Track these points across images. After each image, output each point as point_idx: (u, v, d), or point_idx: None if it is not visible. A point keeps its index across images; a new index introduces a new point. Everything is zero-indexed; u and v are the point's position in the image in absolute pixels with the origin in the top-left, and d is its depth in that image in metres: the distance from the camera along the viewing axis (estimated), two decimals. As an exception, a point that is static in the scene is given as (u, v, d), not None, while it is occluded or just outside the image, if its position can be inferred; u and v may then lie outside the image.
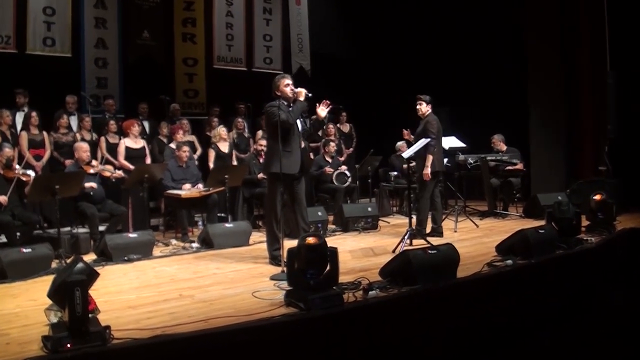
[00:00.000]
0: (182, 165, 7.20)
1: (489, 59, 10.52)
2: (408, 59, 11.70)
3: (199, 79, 10.53)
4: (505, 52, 10.46)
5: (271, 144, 5.31)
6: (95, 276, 3.64)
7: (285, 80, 5.26)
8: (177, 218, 7.05)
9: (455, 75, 10.93)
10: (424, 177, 6.37)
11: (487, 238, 6.49)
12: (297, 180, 5.32)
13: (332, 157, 8.72)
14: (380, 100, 11.93)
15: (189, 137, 8.53)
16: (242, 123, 9.05)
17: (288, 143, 5.09)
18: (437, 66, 11.20)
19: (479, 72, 10.63)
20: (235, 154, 8.56)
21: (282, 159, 4.97)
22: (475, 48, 10.73)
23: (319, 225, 6.95)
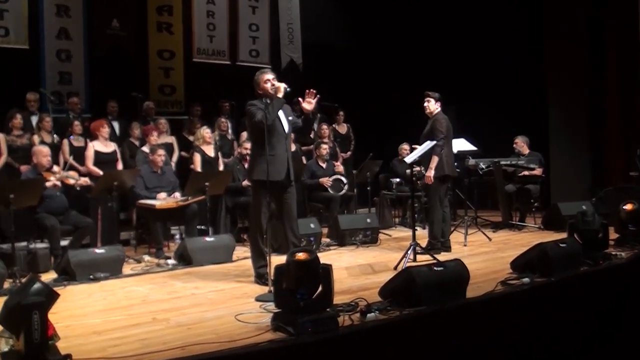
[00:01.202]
0: (157, 171, 7.20)
1: (503, 53, 10.60)
2: (412, 51, 11.76)
3: (176, 74, 10.53)
4: (522, 46, 10.55)
5: (253, 148, 5.38)
6: (54, 297, 3.60)
7: (265, 75, 5.26)
8: (150, 231, 7.04)
9: (465, 70, 11.00)
10: (426, 180, 6.42)
11: (501, 253, 6.51)
12: (286, 189, 5.33)
13: (327, 162, 8.74)
14: (381, 98, 11.99)
15: (168, 138, 8.56)
16: (226, 124, 9.08)
17: (271, 146, 5.08)
18: (445, 60, 11.28)
19: (492, 68, 10.71)
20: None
21: (264, 164, 4.99)
22: (487, 40, 10.80)
23: (312, 239, 6.96)
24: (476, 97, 10.65)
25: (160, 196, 7.01)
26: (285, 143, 5.28)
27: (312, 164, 8.68)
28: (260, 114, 5.05)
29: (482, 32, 10.87)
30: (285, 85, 5.15)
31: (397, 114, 11.42)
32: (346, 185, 8.46)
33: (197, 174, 7.39)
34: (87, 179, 6.83)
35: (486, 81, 10.70)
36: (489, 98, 10.59)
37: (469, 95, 10.62)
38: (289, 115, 5.38)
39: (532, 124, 9.77)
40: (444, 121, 6.48)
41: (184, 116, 9.77)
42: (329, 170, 8.64)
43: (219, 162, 8.24)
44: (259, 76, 5.29)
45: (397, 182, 9.10)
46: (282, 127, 5.29)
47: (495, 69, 10.65)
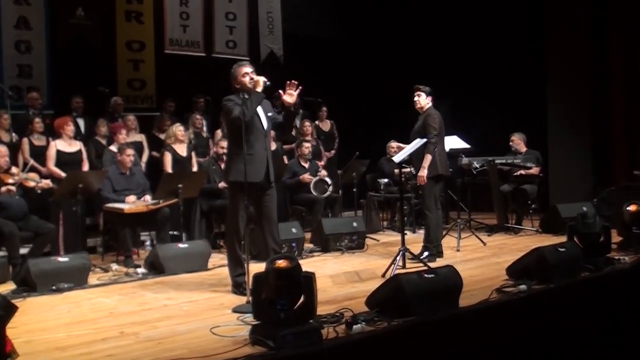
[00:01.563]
0: (126, 172, 7.18)
1: (499, 45, 10.68)
2: (402, 42, 11.84)
3: (147, 67, 10.50)
4: (519, 37, 10.62)
5: (230, 147, 5.37)
6: (13, 310, 3.58)
7: (242, 68, 5.25)
8: (118, 237, 7.00)
9: (459, 62, 11.08)
10: (418, 181, 6.44)
11: (496, 258, 6.56)
12: (265, 191, 5.32)
13: (309, 161, 8.76)
14: (368, 93, 12.06)
15: (137, 137, 8.54)
16: (201, 121, 9.07)
17: (249, 144, 5.08)
18: (437, 52, 11.35)
19: (487, 60, 10.79)
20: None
21: (242, 164, 4.97)
22: (482, 31, 10.88)
23: (293, 245, 6.97)
24: (470, 91, 10.73)
25: (129, 199, 6.98)
26: (264, 141, 5.28)
27: (293, 164, 8.69)
28: (237, 110, 5.03)
29: (477, 22, 10.95)
30: (264, 79, 5.14)
31: (385, 110, 11.49)
32: (330, 187, 8.48)
33: (169, 175, 7.36)
34: (49, 181, 6.76)
35: (481, 74, 10.78)
36: (484, 92, 10.67)
37: (462, 90, 10.69)
38: (269, 111, 5.37)
39: (529, 120, 9.85)
40: (436, 117, 6.49)
41: (155, 112, 9.74)
42: (311, 170, 8.66)
43: (192, 162, 8.23)
44: (236, 69, 5.29)
45: (385, 182, 9.13)
46: (261, 123, 5.27)
47: (491, 61, 10.73)
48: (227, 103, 5.19)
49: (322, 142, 9.86)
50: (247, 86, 5.17)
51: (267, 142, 5.33)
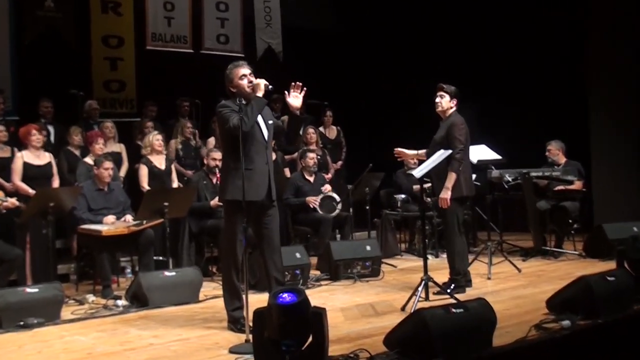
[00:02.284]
0: (104, 188, 7.20)
1: (534, 40, 10.71)
2: (419, 36, 11.86)
3: (126, 66, 10.56)
4: (558, 31, 10.60)
5: (226, 160, 5.35)
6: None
7: (239, 69, 5.25)
8: (95, 264, 7.01)
9: (487, 60, 11.09)
10: (441, 204, 6.38)
11: (533, 288, 6.54)
12: (266, 210, 5.32)
13: (315, 175, 8.77)
14: (379, 94, 12.12)
15: (116, 147, 8.58)
16: (191, 129, 9.14)
17: (248, 158, 5.08)
18: (461, 47, 11.37)
19: (519, 57, 10.80)
20: (179, 171, 8.63)
21: (240, 181, 4.97)
22: (514, 24, 10.88)
23: (297, 273, 6.99)
24: (499, 93, 10.75)
25: (107, 220, 6.99)
26: (265, 154, 5.28)
27: (296, 178, 8.72)
28: (235, 119, 5.02)
29: (508, 15, 10.93)
30: (266, 82, 5.15)
31: (400, 114, 11.52)
32: (339, 204, 8.49)
33: (153, 191, 7.37)
34: (15, 200, 6.76)
35: (511, 75, 10.79)
36: (516, 95, 10.69)
37: (490, 91, 10.72)
38: (269, 119, 5.37)
39: (568, 127, 9.83)
40: (463, 127, 6.37)
41: (136, 118, 9.82)
42: (317, 184, 8.68)
43: (172, 176, 8.25)
44: (232, 70, 5.29)
45: (403, 199, 9.13)
46: (262, 133, 5.27)
47: (523, 60, 10.74)
48: (223, 110, 5.17)
49: (328, 151, 9.89)
50: (245, 90, 5.18)
51: (268, 154, 5.33)
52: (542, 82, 10.57)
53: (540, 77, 10.61)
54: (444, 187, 6.31)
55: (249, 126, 5.05)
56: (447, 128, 6.42)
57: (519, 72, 10.76)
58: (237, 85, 5.24)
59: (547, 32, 10.63)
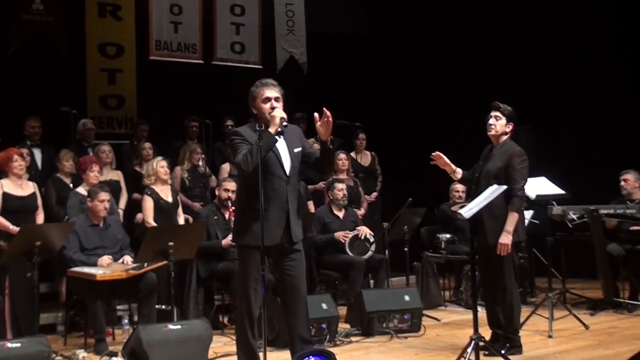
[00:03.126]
0: (99, 223, 7.24)
1: (602, 51, 10.64)
2: (466, 45, 11.90)
3: (126, 79, 10.69)
4: (633, 43, 10.52)
5: (239, 197, 5.45)
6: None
7: (265, 90, 5.32)
8: (87, 313, 7.00)
9: (546, 73, 11.06)
10: (500, 250, 6.29)
11: (604, 349, 6.46)
12: (287, 255, 5.33)
13: (344, 209, 8.78)
14: (421, 114, 12.12)
15: (113, 174, 8.64)
16: (200, 154, 9.13)
17: (263, 196, 5.08)
18: (513, 60, 11.37)
19: (586, 69, 10.73)
20: (185, 203, 8.66)
21: (253, 223, 5.04)
22: (579, 30, 10.83)
23: (324, 327, 6.96)
24: (561, 114, 10.73)
25: (102, 261, 7.01)
26: (285, 190, 5.29)
27: (323, 213, 8.73)
28: (241, 154, 5.09)
29: (572, 20, 10.92)
30: (282, 115, 5.16)
31: (445, 137, 11.41)
32: (373, 245, 8.48)
33: (158, 229, 7.39)
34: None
35: (576, 90, 10.75)
36: (581, 116, 10.64)
37: (550, 111, 10.70)
38: (296, 146, 5.38)
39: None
40: (525, 159, 6.31)
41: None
42: (347, 221, 8.68)
43: (179, 210, 8.29)
44: (256, 89, 5.35)
45: (448, 239, 9.11)
46: (281, 166, 5.30)
47: (591, 71, 10.69)
48: (234, 139, 5.24)
49: (360, 181, 9.87)
50: (266, 116, 5.23)
51: (289, 190, 5.32)
52: (614, 100, 10.49)
53: (611, 93, 10.55)
54: (505, 230, 6.17)
55: (251, 167, 5.06)
56: (507, 159, 6.30)
57: (585, 88, 10.71)
58: (258, 107, 5.32)
59: (618, 41, 10.58)
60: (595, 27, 10.73)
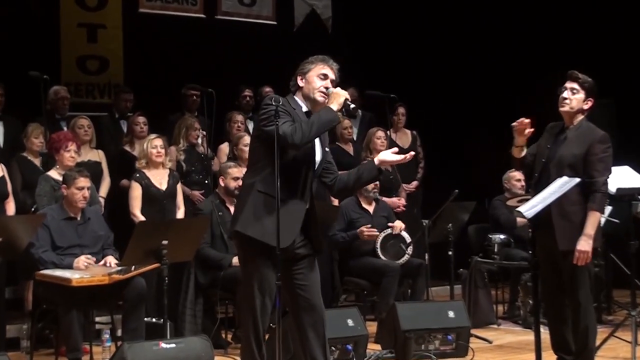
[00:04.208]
0: (75, 216, 7.21)
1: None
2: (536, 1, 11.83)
3: (110, 36, 10.76)
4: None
5: (250, 180, 5.35)
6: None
7: (325, 66, 5.36)
8: (60, 325, 6.96)
9: (629, 36, 11.02)
10: (578, 259, 6.10)
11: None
12: (302, 260, 5.38)
13: (375, 202, 8.79)
14: (473, 85, 12.12)
15: (92, 154, 8.70)
16: (199, 130, 9.10)
17: (285, 186, 5.12)
18: (588, 20, 11.31)
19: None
20: (183, 190, 8.67)
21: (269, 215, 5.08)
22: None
23: (349, 348, 6.94)
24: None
25: (79, 263, 6.95)
26: (310, 183, 5.36)
27: (349, 207, 8.69)
28: (288, 124, 5.07)
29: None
30: (347, 96, 5.22)
31: (501, 114, 11.29)
32: (410, 247, 8.47)
33: (148, 224, 7.39)
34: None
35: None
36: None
37: (634, 83, 10.68)
38: (326, 144, 5.48)
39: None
40: (610, 146, 6.15)
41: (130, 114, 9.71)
42: (379, 217, 8.68)
43: (178, 200, 8.32)
44: (312, 63, 5.37)
45: (502, 241, 9.07)
46: (313, 159, 5.36)
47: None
48: (269, 108, 5.14)
49: (396, 168, 9.75)
50: (314, 94, 5.28)
51: (311, 189, 5.41)
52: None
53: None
54: (584, 234, 5.99)
55: (301, 145, 5.09)
56: (587, 144, 6.13)
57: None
58: (309, 80, 5.33)
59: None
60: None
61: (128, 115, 9.59)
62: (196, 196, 8.81)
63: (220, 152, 9.28)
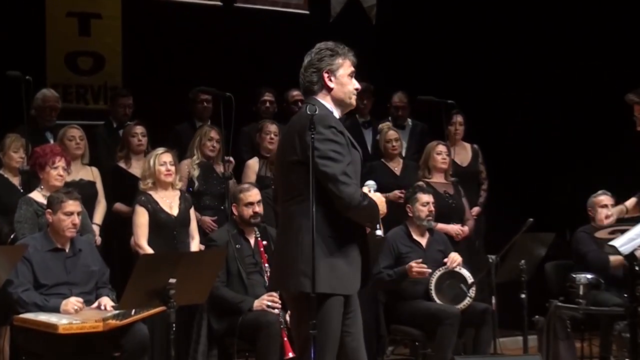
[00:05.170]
0: (64, 248, 7.19)
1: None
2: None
3: (107, 28, 10.81)
4: None
5: (303, 219, 5.31)
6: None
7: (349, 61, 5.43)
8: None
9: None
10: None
11: None
12: (351, 299, 5.45)
13: (428, 233, 8.72)
14: (548, 89, 12.01)
15: (85, 172, 8.68)
16: (214, 142, 9.08)
17: (344, 227, 5.23)
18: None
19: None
20: (195, 215, 8.62)
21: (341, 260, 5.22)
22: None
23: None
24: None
25: (68, 306, 6.92)
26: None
27: (397, 239, 8.65)
28: (353, 187, 5.21)
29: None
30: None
31: (586, 121, 11.35)
32: (472, 288, 8.40)
33: (151, 258, 7.24)
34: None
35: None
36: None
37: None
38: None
39: None
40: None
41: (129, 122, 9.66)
42: (434, 250, 8.60)
43: (189, 230, 8.31)
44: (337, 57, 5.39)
45: (589, 281, 8.89)
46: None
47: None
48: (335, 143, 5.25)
49: (456, 187, 9.69)
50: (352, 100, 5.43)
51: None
52: None
53: None
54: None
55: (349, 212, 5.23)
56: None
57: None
58: (342, 81, 5.36)
59: None
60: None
61: (127, 124, 9.53)
62: (207, 222, 8.79)
63: (248, 170, 9.24)
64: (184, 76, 10.24)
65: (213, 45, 10.89)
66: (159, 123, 9.70)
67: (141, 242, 7.95)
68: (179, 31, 10.84)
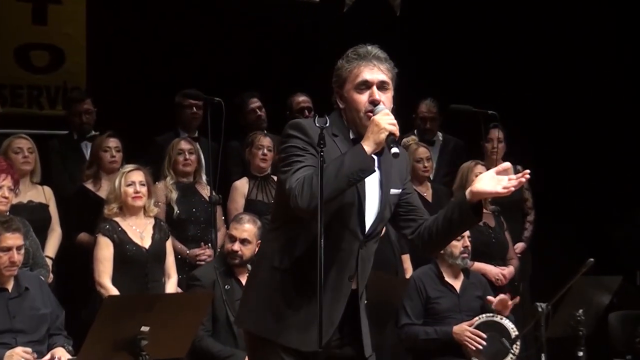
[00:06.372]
0: (5, 287, 7.16)
1: None
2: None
3: (67, 16, 10.85)
4: None
5: (267, 250, 5.32)
6: None
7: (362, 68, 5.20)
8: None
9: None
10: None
11: None
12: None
13: (463, 274, 8.65)
14: (602, 100, 12.04)
15: (35, 192, 8.65)
16: (184, 156, 9.05)
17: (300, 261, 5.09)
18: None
19: None
20: (174, 248, 8.63)
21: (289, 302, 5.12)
22: None
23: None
24: None
25: (12, 359, 6.87)
26: (356, 258, 5.24)
27: (425, 279, 8.58)
28: (302, 174, 4.93)
29: None
30: (393, 124, 4.93)
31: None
32: (517, 343, 8.31)
33: (117, 300, 7.25)
34: None
35: None
36: None
37: None
38: (395, 184, 5.34)
39: None
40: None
41: (92, 132, 9.72)
42: (471, 296, 8.56)
43: (164, 266, 8.32)
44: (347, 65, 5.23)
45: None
46: (360, 215, 5.21)
47: None
48: (290, 142, 5.09)
49: (496, 217, 9.75)
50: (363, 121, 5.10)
51: (361, 258, 5.27)
52: None
53: None
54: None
55: (307, 204, 4.88)
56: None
57: None
58: (348, 97, 5.19)
59: None
60: None
61: (92, 135, 9.56)
62: (194, 255, 8.76)
63: (234, 193, 9.25)
64: (165, 76, 10.28)
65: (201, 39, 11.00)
66: (135, 134, 9.72)
67: (103, 280, 7.97)
68: (158, 20, 10.85)
